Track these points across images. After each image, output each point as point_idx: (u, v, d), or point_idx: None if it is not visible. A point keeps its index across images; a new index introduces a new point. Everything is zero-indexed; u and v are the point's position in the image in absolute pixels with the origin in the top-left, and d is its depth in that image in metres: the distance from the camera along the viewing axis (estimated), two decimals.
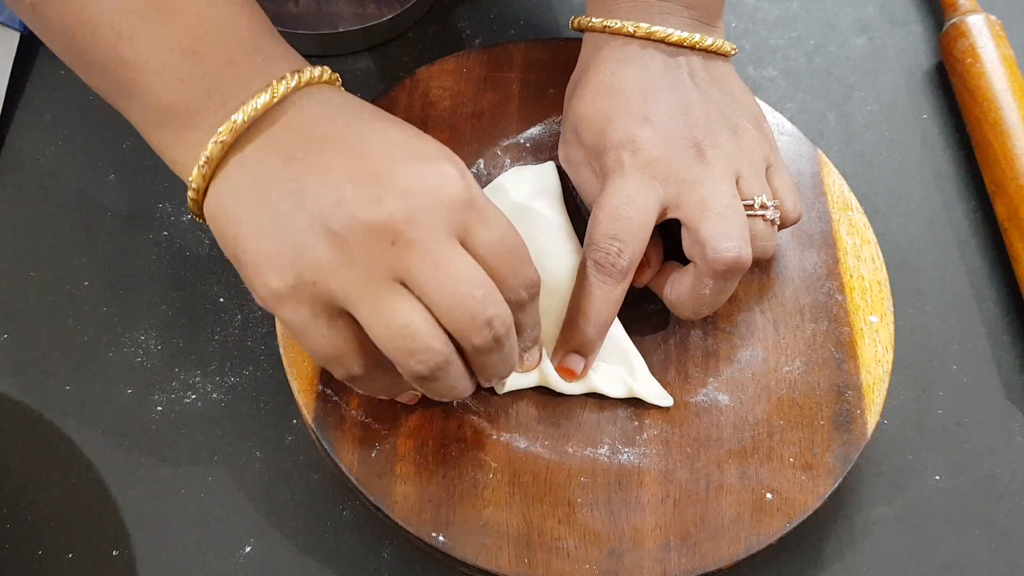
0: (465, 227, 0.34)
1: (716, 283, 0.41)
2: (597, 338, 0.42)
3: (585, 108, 0.44)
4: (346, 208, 0.33)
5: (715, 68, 0.45)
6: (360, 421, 0.41)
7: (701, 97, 0.43)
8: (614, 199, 0.41)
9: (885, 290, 0.47)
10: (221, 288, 0.49)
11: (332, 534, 0.43)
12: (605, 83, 0.44)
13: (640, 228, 0.41)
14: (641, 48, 0.44)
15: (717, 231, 0.40)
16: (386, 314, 0.33)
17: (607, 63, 0.44)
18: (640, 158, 0.42)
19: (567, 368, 0.42)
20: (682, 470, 0.41)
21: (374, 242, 0.33)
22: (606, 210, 0.41)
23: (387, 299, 0.33)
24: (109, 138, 0.54)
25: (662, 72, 0.43)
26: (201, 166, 0.35)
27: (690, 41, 0.44)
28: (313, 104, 0.36)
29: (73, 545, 0.42)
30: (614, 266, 0.41)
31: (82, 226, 0.51)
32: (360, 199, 0.33)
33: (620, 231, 0.41)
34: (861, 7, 0.65)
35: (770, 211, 0.42)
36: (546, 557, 0.39)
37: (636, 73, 0.43)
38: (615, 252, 0.41)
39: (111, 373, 0.46)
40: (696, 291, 0.42)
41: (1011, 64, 0.57)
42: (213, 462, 0.44)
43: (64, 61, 0.38)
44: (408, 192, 0.33)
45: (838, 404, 0.43)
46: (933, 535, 0.45)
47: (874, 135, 0.59)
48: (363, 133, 0.35)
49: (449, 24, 0.60)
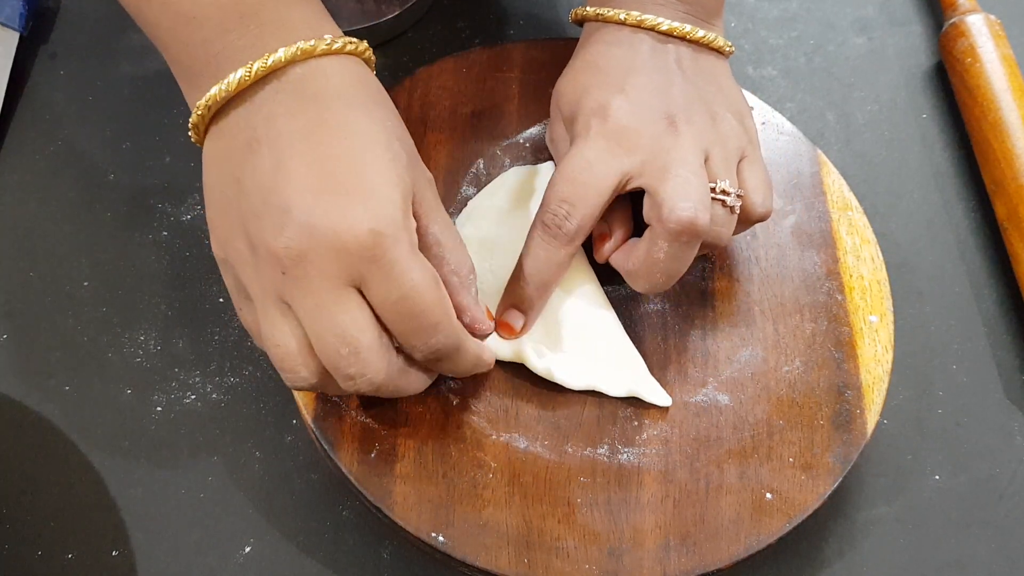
0: (361, 278, 0.34)
1: (670, 247, 0.40)
2: (537, 297, 0.42)
3: (566, 83, 0.45)
4: (258, 225, 0.34)
5: (705, 61, 0.45)
6: (360, 421, 0.41)
7: (684, 81, 0.43)
8: (572, 163, 0.41)
9: (885, 290, 0.47)
10: (221, 288, 0.49)
11: (332, 534, 0.43)
12: (589, 61, 0.44)
13: (595, 194, 0.41)
14: (631, 33, 0.44)
15: (676, 192, 0.40)
16: (268, 326, 0.36)
17: (595, 44, 0.45)
18: (608, 125, 0.41)
19: (505, 323, 0.42)
20: (682, 470, 0.41)
21: (270, 265, 0.34)
22: (563, 173, 0.41)
23: (272, 315, 0.35)
24: (109, 138, 0.54)
25: (648, 55, 0.44)
26: (191, 127, 0.38)
27: (680, 31, 0.44)
28: (292, 88, 0.36)
29: (73, 545, 0.42)
30: (560, 228, 0.41)
31: (82, 226, 0.51)
32: (268, 223, 0.34)
33: (572, 195, 0.41)
34: (861, 7, 0.65)
35: (730, 198, 0.41)
36: (546, 557, 0.39)
37: (621, 54, 0.44)
38: (563, 215, 0.40)
39: (111, 373, 0.46)
40: (650, 256, 0.41)
41: (1011, 64, 0.57)
42: (213, 462, 0.44)
43: None
44: (309, 230, 0.34)
45: (838, 404, 0.43)
46: (933, 535, 0.45)
47: (874, 135, 0.59)
48: (308, 146, 0.35)
49: (449, 24, 0.60)
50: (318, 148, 0.35)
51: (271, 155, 0.35)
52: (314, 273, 0.34)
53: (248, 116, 0.36)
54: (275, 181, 0.34)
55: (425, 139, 0.49)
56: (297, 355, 0.35)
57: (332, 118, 0.36)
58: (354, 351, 0.35)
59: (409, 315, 0.35)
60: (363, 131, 0.36)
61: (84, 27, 0.59)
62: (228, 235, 0.36)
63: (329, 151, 0.35)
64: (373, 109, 0.37)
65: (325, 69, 0.37)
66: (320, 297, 0.34)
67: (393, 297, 0.34)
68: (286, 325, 0.35)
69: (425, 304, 0.35)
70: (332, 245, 0.33)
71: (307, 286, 0.34)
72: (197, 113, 0.36)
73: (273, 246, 0.34)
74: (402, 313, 0.35)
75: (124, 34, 0.58)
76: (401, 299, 0.35)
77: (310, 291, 0.34)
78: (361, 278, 0.34)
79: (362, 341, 0.35)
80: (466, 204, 0.48)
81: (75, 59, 0.57)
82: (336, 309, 0.34)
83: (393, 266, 0.34)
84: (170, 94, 0.55)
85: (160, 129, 0.54)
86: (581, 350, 0.43)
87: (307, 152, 0.35)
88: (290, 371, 0.36)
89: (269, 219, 0.34)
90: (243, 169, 0.35)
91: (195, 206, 0.51)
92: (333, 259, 0.34)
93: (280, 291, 0.35)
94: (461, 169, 0.49)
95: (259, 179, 0.35)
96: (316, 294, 0.34)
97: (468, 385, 0.43)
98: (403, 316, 0.35)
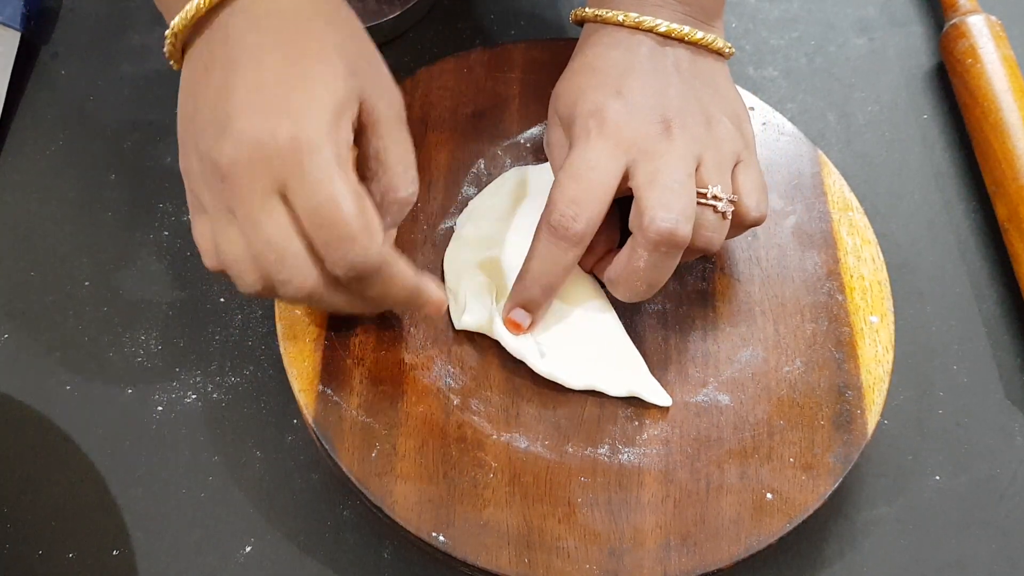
0: (284, 186, 0.35)
1: (650, 256, 0.40)
2: (543, 298, 0.42)
3: (563, 85, 0.45)
4: (203, 138, 0.36)
5: (703, 63, 0.45)
6: (360, 421, 0.41)
7: (681, 83, 0.43)
8: (577, 164, 0.41)
9: (885, 290, 0.47)
10: (221, 288, 0.49)
11: (332, 534, 0.43)
12: (587, 63, 0.44)
13: (600, 195, 0.41)
14: (629, 35, 0.44)
15: (659, 201, 0.40)
16: (220, 236, 0.37)
17: (593, 47, 0.45)
18: (606, 127, 0.42)
19: (512, 320, 0.43)
20: (682, 470, 0.41)
21: (213, 175, 0.36)
22: (568, 174, 0.41)
23: (222, 224, 0.37)
24: (109, 138, 0.54)
25: (646, 57, 0.44)
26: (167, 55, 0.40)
27: (678, 33, 0.44)
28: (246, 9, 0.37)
29: (73, 545, 0.42)
30: (568, 230, 0.41)
31: (82, 226, 0.51)
32: (210, 136, 0.36)
33: (579, 196, 0.41)
34: (861, 7, 0.65)
35: (722, 203, 0.41)
36: (546, 557, 0.39)
37: (619, 56, 0.44)
38: (571, 217, 0.41)
39: (111, 373, 0.46)
40: (631, 264, 0.41)
41: (1011, 64, 0.57)
42: (213, 462, 0.44)
43: None
44: (240, 140, 0.35)
45: (838, 404, 0.43)
46: (933, 535, 0.45)
47: (874, 135, 0.59)
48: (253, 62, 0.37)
49: (449, 24, 0.60)
50: (260, 67, 0.36)
51: (221, 74, 0.37)
52: (244, 182, 0.35)
53: (209, 40, 0.38)
54: (220, 98, 0.36)
55: (426, 139, 0.49)
56: (242, 262, 0.37)
57: (279, 38, 0.37)
58: (280, 258, 0.36)
59: (324, 225, 0.35)
60: (305, 48, 0.37)
61: (84, 27, 0.59)
62: (186, 151, 0.38)
63: (269, 69, 0.36)
64: (321, 25, 0.38)
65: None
66: (250, 205, 0.35)
67: (310, 205, 0.35)
68: (232, 233, 0.37)
69: (340, 215, 0.35)
70: (256, 153, 0.35)
71: (240, 194, 0.35)
72: (168, 41, 0.39)
73: (213, 155, 0.36)
74: (317, 223, 0.35)
75: (124, 34, 0.58)
76: (317, 207, 0.35)
77: (242, 200, 0.35)
78: (284, 186, 0.35)
79: (287, 248, 0.36)
80: (467, 204, 0.48)
81: (75, 59, 0.57)
82: (262, 216, 0.35)
83: (310, 174, 0.35)
84: (170, 94, 0.55)
85: (160, 129, 0.54)
86: (582, 350, 0.43)
87: (250, 71, 0.36)
88: (237, 276, 0.37)
89: (211, 132, 0.36)
90: (198, 89, 0.38)
91: None
92: (258, 167, 0.35)
93: (224, 200, 0.36)
94: (462, 169, 0.49)
95: (209, 97, 0.37)
96: (247, 202, 0.35)
97: (468, 385, 0.43)
98: (318, 226, 0.35)
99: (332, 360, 0.42)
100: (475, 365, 0.43)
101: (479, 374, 0.43)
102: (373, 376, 0.42)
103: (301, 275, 0.36)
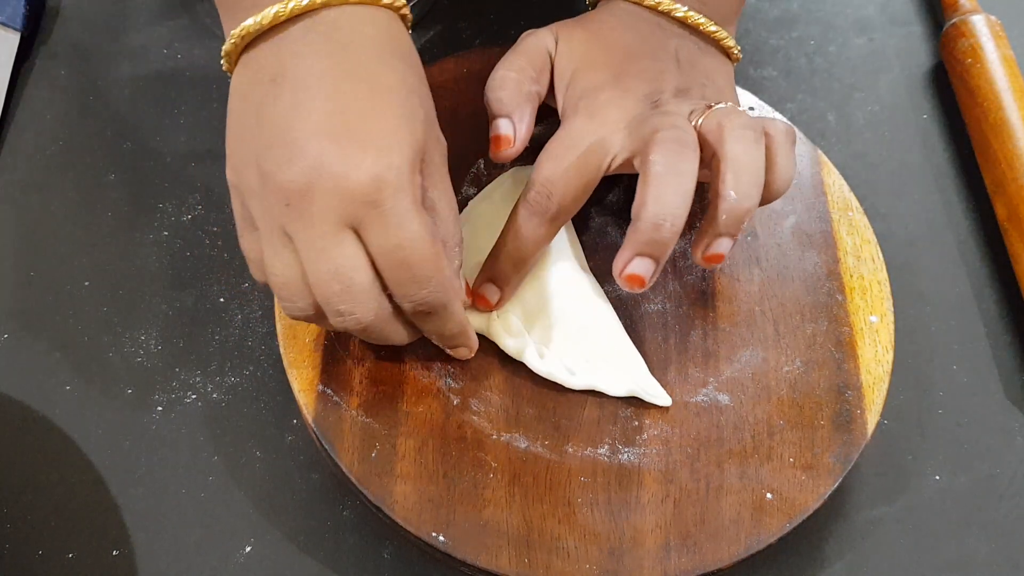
0: (360, 221, 0.35)
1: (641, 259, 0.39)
2: (513, 273, 0.43)
3: (562, 58, 0.45)
4: (269, 156, 0.35)
5: (708, 60, 0.45)
6: (360, 421, 0.41)
7: (677, 69, 0.43)
8: (558, 143, 0.42)
9: (885, 290, 0.47)
10: (221, 288, 0.49)
11: (332, 534, 0.43)
12: (597, 34, 0.45)
13: (577, 175, 0.41)
14: (644, 18, 0.44)
15: (655, 199, 0.38)
16: (272, 255, 0.37)
17: (608, 18, 0.45)
18: (595, 110, 0.42)
19: (481, 295, 0.43)
20: (682, 470, 0.41)
21: (275, 196, 0.35)
22: (548, 153, 0.42)
23: (276, 244, 0.36)
24: (109, 138, 0.54)
25: (647, 35, 0.44)
26: (224, 55, 0.39)
27: (694, 20, 0.44)
28: (322, 30, 0.37)
29: (73, 545, 0.42)
30: (541, 206, 0.41)
31: (82, 226, 0.51)
32: (279, 155, 0.35)
33: (555, 175, 0.41)
34: (861, 7, 0.65)
35: None
36: (546, 557, 0.39)
37: (629, 39, 0.44)
38: (545, 194, 0.41)
39: (111, 373, 0.46)
40: (622, 260, 0.40)
41: (1011, 64, 0.57)
42: (213, 462, 0.44)
43: None
44: (317, 168, 0.35)
45: (838, 404, 0.43)
46: (933, 535, 0.45)
47: (874, 135, 0.59)
48: (330, 89, 0.36)
49: (450, 24, 0.60)
50: (338, 93, 0.36)
51: (292, 92, 0.36)
52: (315, 209, 0.35)
53: (277, 51, 0.37)
54: (292, 118, 0.35)
55: None
56: (295, 285, 0.37)
57: (356, 66, 0.37)
58: (346, 288, 0.36)
59: (403, 265, 0.36)
60: (384, 83, 0.37)
61: (84, 27, 0.59)
62: (241, 162, 0.37)
63: (348, 97, 0.36)
64: (397, 63, 0.38)
65: (358, 16, 0.38)
66: (319, 232, 0.35)
67: (389, 245, 0.35)
68: (287, 256, 0.36)
69: (419, 256, 0.36)
70: (336, 185, 0.35)
71: (308, 221, 0.35)
72: (231, 42, 0.38)
73: (280, 178, 0.35)
74: (396, 262, 0.36)
75: (124, 34, 0.58)
76: (396, 248, 0.35)
77: (310, 225, 0.35)
78: (360, 222, 0.35)
79: (355, 279, 0.36)
80: (466, 204, 0.48)
81: (75, 59, 0.57)
82: (332, 245, 0.35)
83: (392, 215, 0.35)
84: (170, 94, 0.56)
85: (160, 129, 0.54)
86: (582, 350, 0.43)
87: (327, 95, 0.36)
88: (287, 300, 0.37)
89: (280, 152, 0.35)
90: (264, 101, 0.36)
91: (195, 206, 0.51)
92: (335, 199, 0.35)
93: (283, 222, 0.36)
94: (462, 169, 0.49)
95: (278, 113, 0.36)
96: (315, 229, 0.35)
97: (468, 385, 0.43)
98: (396, 265, 0.36)
99: (332, 360, 0.42)
100: (475, 365, 0.43)
101: (479, 374, 0.43)
102: (373, 376, 0.42)
103: (364, 307, 0.36)
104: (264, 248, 0.37)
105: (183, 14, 0.59)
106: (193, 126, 0.54)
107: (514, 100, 0.44)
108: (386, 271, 0.36)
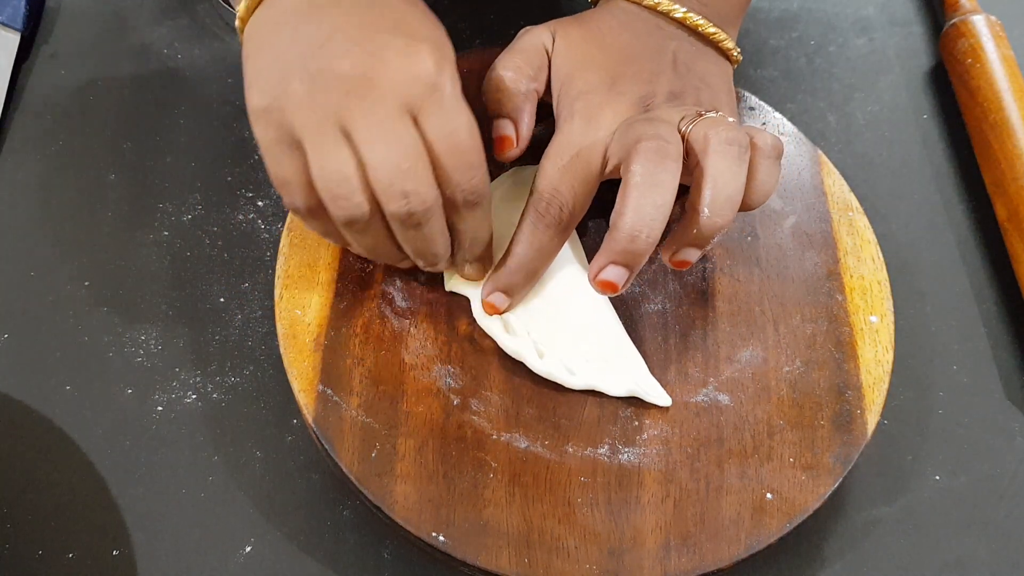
0: (420, 108, 0.36)
1: (615, 267, 0.40)
2: (523, 283, 0.43)
3: (558, 56, 0.45)
4: (324, 51, 0.36)
5: (705, 62, 0.45)
6: (360, 421, 0.41)
7: (673, 72, 0.44)
8: (560, 148, 0.42)
9: (885, 290, 0.47)
10: (221, 288, 0.49)
11: (332, 534, 0.43)
12: (595, 34, 0.45)
13: (582, 180, 0.41)
14: (644, 19, 0.45)
15: (632, 210, 0.39)
16: (323, 157, 0.36)
17: (593, 19, 0.45)
18: (591, 112, 0.42)
19: (490, 303, 0.43)
20: (682, 470, 0.41)
21: (333, 87, 0.35)
22: (551, 159, 0.42)
23: (329, 144, 0.36)
24: (109, 138, 0.54)
25: (644, 36, 0.44)
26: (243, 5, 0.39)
27: (693, 22, 0.44)
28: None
29: (73, 545, 0.42)
30: (553, 216, 0.41)
31: (82, 226, 0.51)
32: (337, 48, 0.36)
33: (561, 182, 0.41)
34: (861, 7, 0.65)
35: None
36: (546, 557, 0.39)
37: (626, 40, 0.44)
38: (557, 206, 0.41)
39: (111, 373, 0.46)
40: (597, 265, 0.40)
41: (1011, 64, 0.57)
42: (213, 462, 0.44)
43: None
44: (378, 56, 0.35)
45: (838, 404, 0.43)
46: (933, 535, 0.45)
47: (874, 135, 0.59)
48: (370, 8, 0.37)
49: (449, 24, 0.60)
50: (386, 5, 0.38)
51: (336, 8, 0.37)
52: (377, 95, 0.35)
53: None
54: (347, 20, 0.37)
55: None
56: (352, 179, 0.36)
57: None
58: (412, 166, 0.36)
59: (457, 149, 0.37)
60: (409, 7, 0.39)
61: (84, 27, 0.59)
62: (278, 78, 0.36)
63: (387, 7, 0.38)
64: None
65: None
66: (381, 116, 0.35)
67: (448, 129, 0.36)
68: (343, 151, 0.36)
69: (473, 143, 0.37)
70: (397, 70, 0.36)
71: (369, 105, 0.35)
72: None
73: (339, 68, 0.35)
74: (451, 146, 0.37)
75: (124, 34, 0.58)
76: (454, 132, 0.36)
77: (372, 110, 0.35)
78: (420, 107, 0.36)
79: (419, 162, 0.36)
80: None
81: (75, 59, 0.57)
82: (399, 128, 0.36)
83: (449, 100, 0.36)
84: (170, 94, 0.56)
85: (160, 129, 0.54)
86: (582, 350, 0.43)
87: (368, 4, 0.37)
88: (344, 198, 0.36)
89: (336, 46, 0.36)
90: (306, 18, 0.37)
91: (195, 206, 0.51)
92: (400, 83, 0.36)
93: (340, 114, 0.36)
94: None
95: (325, 21, 0.37)
96: (377, 113, 0.35)
97: (468, 385, 0.43)
98: (452, 149, 0.37)
99: (332, 360, 0.42)
100: (475, 365, 0.43)
101: (479, 374, 0.43)
102: (373, 376, 0.42)
103: (428, 186, 0.37)
104: (313, 157, 0.36)
105: (183, 14, 0.59)
106: (193, 126, 0.54)
107: (513, 99, 0.44)
108: (443, 155, 0.37)
